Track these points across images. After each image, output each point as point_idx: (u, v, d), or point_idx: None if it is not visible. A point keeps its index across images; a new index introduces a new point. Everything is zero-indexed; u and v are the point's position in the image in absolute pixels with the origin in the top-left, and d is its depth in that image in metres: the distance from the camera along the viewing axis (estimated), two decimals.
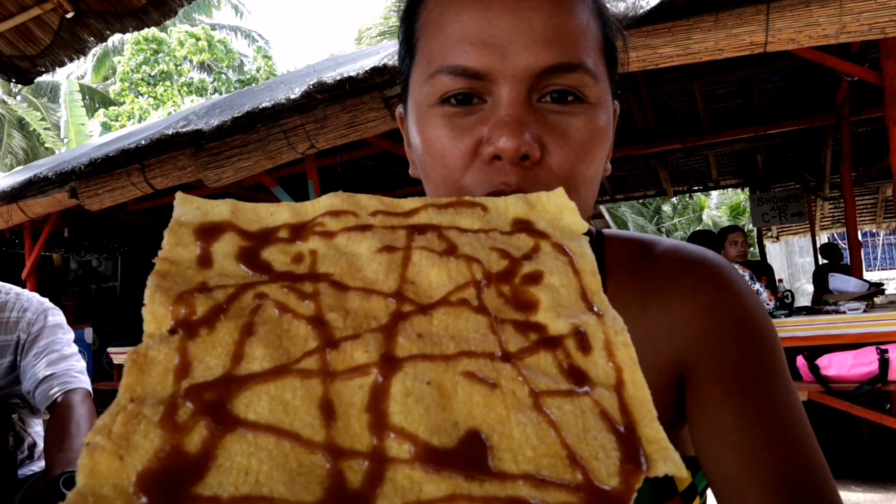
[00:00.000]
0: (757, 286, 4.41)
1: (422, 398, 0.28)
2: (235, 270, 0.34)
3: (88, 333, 6.49)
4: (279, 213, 0.38)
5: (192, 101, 16.71)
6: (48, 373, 1.79)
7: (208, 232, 0.36)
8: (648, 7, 3.19)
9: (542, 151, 0.53)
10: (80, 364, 1.91)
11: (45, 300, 1.98)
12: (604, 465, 0.27)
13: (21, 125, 16.54)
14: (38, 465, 1.95)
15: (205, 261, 0.34)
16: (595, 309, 0.34)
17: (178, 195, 0.38)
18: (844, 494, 3.63)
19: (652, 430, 0.28)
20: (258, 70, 18.51)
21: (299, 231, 0.37)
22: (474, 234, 0.38)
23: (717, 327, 0.60)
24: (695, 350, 0.60)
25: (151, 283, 0.32)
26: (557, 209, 0.40)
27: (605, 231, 0.71)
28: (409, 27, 0.61)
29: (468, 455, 0.26)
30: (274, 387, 0.28)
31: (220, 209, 0.37)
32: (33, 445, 1.98)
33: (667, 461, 0.27)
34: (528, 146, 0.52)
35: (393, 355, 0.30)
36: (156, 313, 0.31)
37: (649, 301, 0.63)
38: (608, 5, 0.63)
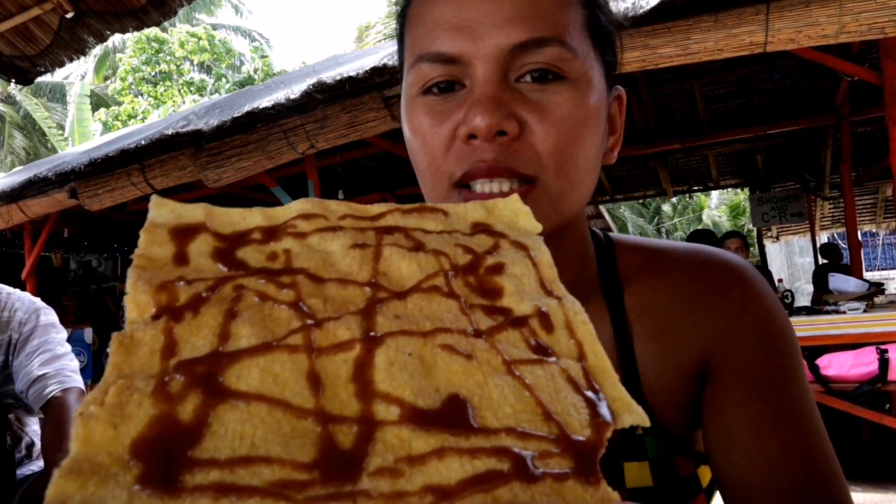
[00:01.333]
0: None
1: (405, 366, 0.30)
2: (212, 267, 0.35)
3: (88, 333, 6.49)
4: (252, 217, 0.39)
5: (193, 100, 16.71)
6: (41, 372, 1.79)
7: (183, 233, 0.36)
8: (648, 7, 3.19)
9: (522, 128, 0.53)
10: (74, 363, 1.91)
11: (37, 300, 1.97)
12: (576, 419, 0.29)
13: (22, 125, 16.55)
14: (37, 465, 1.95)
15: (181, 258, 0.35)
16: (554, 294, 0.36)
17: (154, 198, 0.38)
18: None
19: (615, 391, 0.31)
20: (255, 71, 18.50)
21: (272, 233, 0.38)
22: (438, 234, 0.40)
23: (744, 329, 0.60)
24: (720, 350, 0.60)
25: (133, 274, 0.33)
26: (513, 213, 0.43)
27: (614, 237, 0.71)
28: (401, 25, 0.62)
29: (452, 414, 0.28)
30: (263, 360, 0.29)
31: (194, 212, 0.38)
32: (31, 445, 1.98)
33: (631, 413, 0.29)
34: (502, 121, 0.51)
35: (374, 332, 0.31)
36: (138, 301, 0.32)
37: (673, 304, 0.63)
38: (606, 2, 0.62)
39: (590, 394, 0.30)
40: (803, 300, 10.03)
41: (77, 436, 0.25)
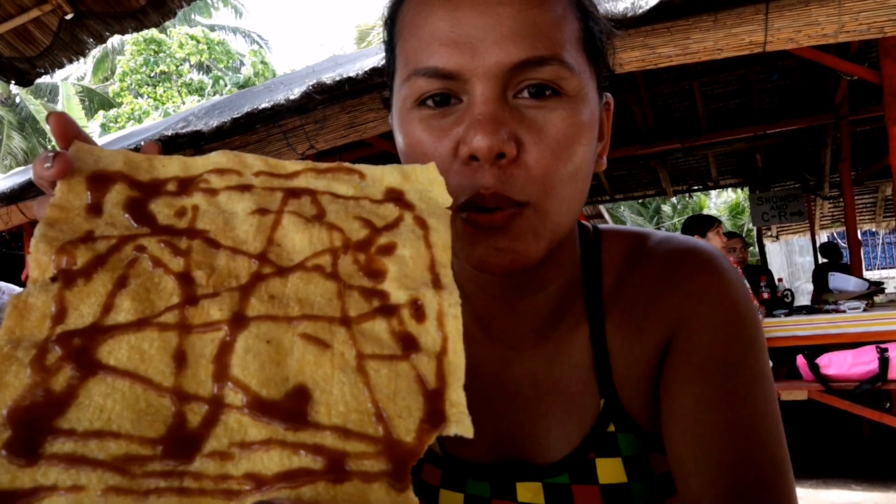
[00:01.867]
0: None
1: (259, 354, 0.32)
2: (122, 221, 0.37)
3: None
4: (170, 165, 0.40)
5: (193, 101, 16.70)
6: None
7: (100, 181, 0.38)
8: (648, 7, 3.19)
9: (518, 149, 0.53)
10: None
11: None
12: (405, 422, 0.31)
13: (21, 126, 16.55)
14: None
15: (95, 208, 0.37)
16: (439, 280, 0.38)
17: (76, 144, 0.39)
18: (844, 493, 3.63)
19: (456, 395, 0.33)
20: (256, 74, 18.49)
21: (186, 185, 0.39)
22: (345, 200, 0.41)
23: (701, 313, 0.61)
24: (676, 334, 0.61)
25: (38, 232, 0.35)
26: (428, 182, 0.44)
27: (602, 227, 0.72)
28: (390, 31, 0.61)
29: (291, 407, 0.31)
30: (134, 337, 0.32)
31: (114, 160, 0.39)
32: None
33: (459, 424, 0.32)
34: (502, 144, 0.51)
35: (244, 315, 0.34)
36: (39, 261, 0.34)
37: (641, 292, 0.64)
38: (601, 3, 0.62)
39: (433, 392, 0.32)
40: (803, 299, 10.04)
41: None
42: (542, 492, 0.64)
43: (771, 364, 0.64)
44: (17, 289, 2.01)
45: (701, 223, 4.36)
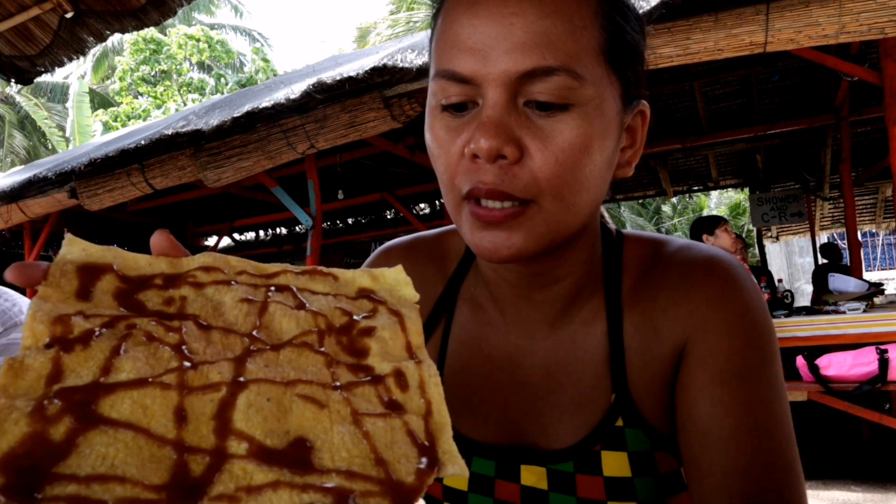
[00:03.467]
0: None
1: (261, 409, 0.34)
2: (111, 305, 0.38)
3: None
4: (157, 264, 0.42)
5: (193, 100, 16.70)
6: None
7: (90, 271, 0.39)
8: (648, 7, 3.19)
9: (522, 154, 0.55)
10: None
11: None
12: (404, 467, 0.33)
13: (22, 125, 16.55)
14: None
15: (84, 294, 0.38)
16: (417, 357, 0.41)
17: (67, 236, 0.41)
18: (844, 494, 3.63)
19: (447, 446, 0.35)
20: (257, 72, 18.49)
21: (173, 280, 0.41)
22: (324, 296, 0.44)
23: (718, 318, 0.62)
24: (693, 338, 0.63)
25: (33, 306, 0.35)
26: (396, 282, 0.47)
27: (625, 232, 0.74)
28: (432, 30, 0.65)
29: (295, 455, 0.32)
30: (137, 393, 0.32)
31: (104, 254, 0.41)
32: None
33: (454, 464, 0.34)
34: (502, 146, 0.54)
35: (242, 378, 0.35)
36: (35, 330, 0.34)
37: (659, 294, 0.66)
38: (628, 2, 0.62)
39: (424, 445, 0.35)
40: (803, 300, 10.05)
41: None
42: (546, 477, 0.65)
43: None
44: (17, 294, 2.00)
45: (708, 223, 4.35)
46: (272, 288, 0.43)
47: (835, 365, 3.59)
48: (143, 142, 4.78)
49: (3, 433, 0.29)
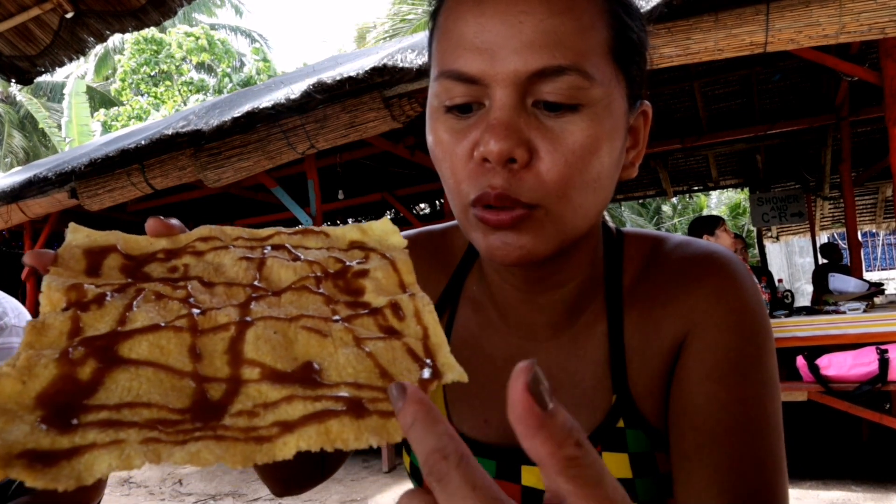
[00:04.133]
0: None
1: (269, 340, 0.36)
2: (119, 277, 0.41)
3: None
4: (158, 242, 0.45)
5: (195, 100, 16.69)
6: None
7: (96, 252, 0.42)
8: (648, 7, 3.19)
9: (532, 155, 0.54)
10: None
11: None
12: (407, 378, 0.35)
13: (22, 125, 16.54)
14: None
15: (93, 271, 0.41)
16: (409, 293, 0.43)
17: (71, 225, 0.44)
18: (844, 494, 3.63)
19: (445, 358, 0.37)
20: (258, 73, 18.48)
21: (175, 253, 0.44)
22: (317, 249, 0.47)
23: (714, 313, 0.62)
24: (691, 333, 0.63)
25: (46, 279, 0.38)
26: (383, 232, 0.50)
27: (624, 229, 0.73)
28: (431, 30, 0.63)
29: (304, 375, 0.35)
30: (152, 336, 0.35)
31: (107, 237, 0.44)
32: None
33: (453, 372, 0.36)
34: (513, 149, 0.53)
35: (248, 318, 0.38)
36: (51, 298, 0.37)
37: (658, 291, 0.65)
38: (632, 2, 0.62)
39: (424, 360, 0.37)
40: (803, 300, 10.04)
41: None
42: None
43: None
44: (15, 301, 2.00)
45: (707, 223, 4.35)
46: (268, 247, 0.46)
47: (835, 365, 3.59)
48: (143, 142, 4.78)
49: (35, 376, 0.32)
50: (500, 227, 0.56)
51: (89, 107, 16.51)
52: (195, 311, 0.38)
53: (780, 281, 5.82)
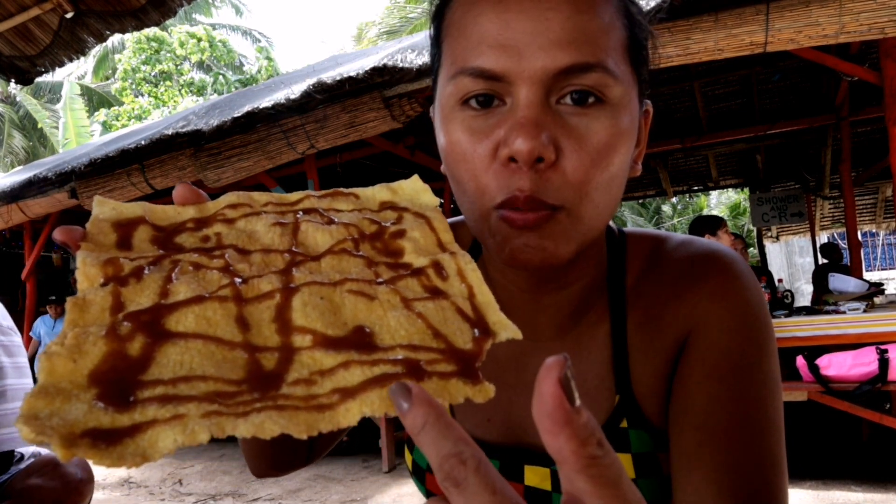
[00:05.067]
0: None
1: (317, 306, 0.36)
2: (151, 250, 0.40)
3: None
4: (185, 211, 0.44)
5: (194, 100, 16.68)
6: None
7: (125, 225, 0.42)
8: (648, 7, 3.19)
9: (557, 154, 0.53)
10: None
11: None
12: (460, 337, 0.35)
13: (21, 125, 16.54)
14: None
15: (124, 244, 0.40)
16: (448, 251, 0.42)
17: (97, 198, 0.43)
18: (844, 494, 3.63)
19: (496, 317, 0.37)
20: (259, 71, 18.47)
21: (204, 222, 0.43)
22: (349, 212, 0.46)
23: (716, 313, 0.62)
24: (693, 332, 0.62)
25: (80, 255, 0.38)
26: (414, 191, 0.49)
27: (626, 230, 0.73)
28: (438, 27, 0.62)
29: (357, 339, 0.34)
30: (198, 308, 0.35)
31: (134, 209, 0.43)
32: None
33: (506, 329, 0.36)
34: (542, 148, 0.51)
35: (292, 284, 0.37)
36: (88, 274, 0.37)
37: (661, 290, 0.65)
38: (637, 2, 0.62)
39: (474, 320, 0.37)
40: (803, 300, 10.04)
41: (42, 370, 0.30)
42: (550, 477, 0.65)
43: None
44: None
45: (709, 223, 4.35)
46: (299, 212, 0.45)
47: (835, 365, 3.59)
48: (143, 142, 4.78)
49: (85, 354, 0.31)
50: (525, 228, 0.54)
51: (88, 108, 16.49)
52: (237, 279, 0.37)
53: (780, 281, 5.82)
